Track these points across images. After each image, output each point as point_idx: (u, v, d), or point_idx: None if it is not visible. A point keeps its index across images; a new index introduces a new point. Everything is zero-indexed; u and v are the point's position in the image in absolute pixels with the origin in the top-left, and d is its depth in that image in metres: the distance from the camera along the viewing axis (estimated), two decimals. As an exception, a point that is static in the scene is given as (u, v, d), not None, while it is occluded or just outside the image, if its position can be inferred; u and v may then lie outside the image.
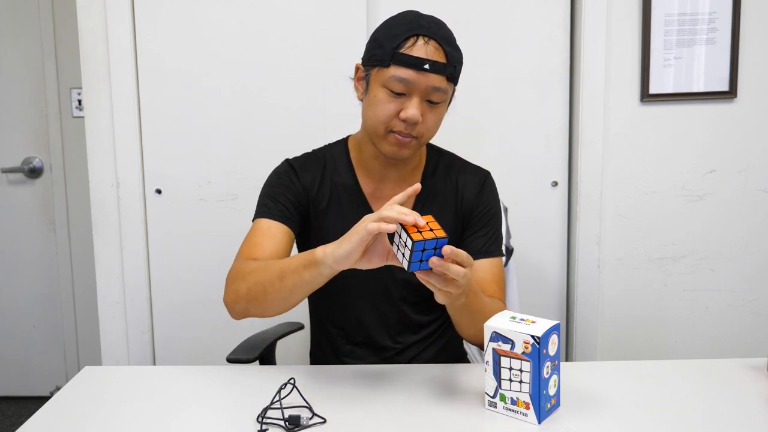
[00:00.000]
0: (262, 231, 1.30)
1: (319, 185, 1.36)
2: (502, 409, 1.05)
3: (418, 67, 1.19)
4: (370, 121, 1.27)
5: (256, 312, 1.22)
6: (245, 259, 1.26)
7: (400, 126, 1.22)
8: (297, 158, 1.41)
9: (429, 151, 1.42)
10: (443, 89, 1.22)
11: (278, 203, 1.32)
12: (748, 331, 2.11)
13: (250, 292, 1.19)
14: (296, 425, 1.02)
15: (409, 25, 1.21)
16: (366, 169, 1.36)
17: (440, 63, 1.20)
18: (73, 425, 1.06)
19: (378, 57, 1.22)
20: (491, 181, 1.42)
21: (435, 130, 1.28)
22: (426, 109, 1.23)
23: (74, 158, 2.65)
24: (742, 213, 2.07)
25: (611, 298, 2.10)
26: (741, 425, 1.03)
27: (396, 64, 1.19)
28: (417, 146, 1.27)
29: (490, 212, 1.38)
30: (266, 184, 1.38)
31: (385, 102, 1.22)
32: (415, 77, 1.19)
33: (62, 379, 2.76)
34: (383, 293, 1.36)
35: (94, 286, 2.09)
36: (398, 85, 1.20)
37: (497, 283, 1.34)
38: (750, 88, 2.01)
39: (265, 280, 1.16)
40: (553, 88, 2.03)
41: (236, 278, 1.24)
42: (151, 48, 1.99)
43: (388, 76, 1.20)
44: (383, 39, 1.23)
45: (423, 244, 0.97)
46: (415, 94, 1.21)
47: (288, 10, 1.98)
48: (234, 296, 1.23)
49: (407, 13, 1.25)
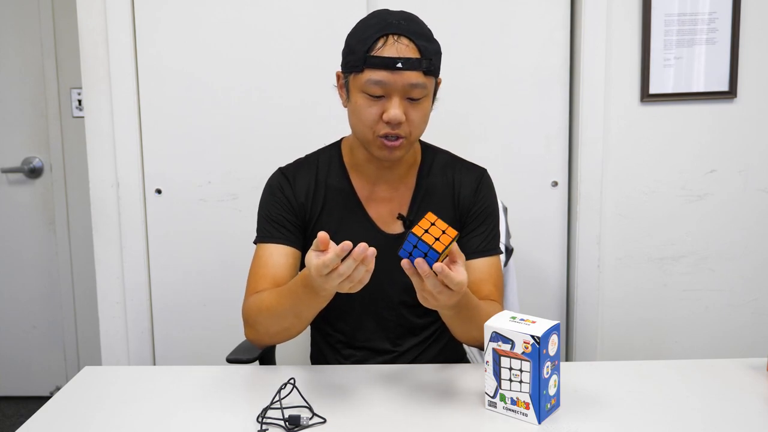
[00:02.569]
0: (264, 260, 1.31)
1: (313, 191, 1.35)
2: (502, 409, 1.05)
3: (391, 66, 1.17)
4: (356, 128, 1.27)
5: (283, 340, 1.30)
6: (253, 293, 1.29)
7: (386, 128, 1.22)
8: (289, 166, 1.40)
9: (424, 150, 1.41)
10: (421, 84, 1.20)
11: (277, 225, 1.32)
12: (748, 331, 2.11)
13: (269, 332, 1.25)
14: (296, 425, 1.02)
15: (378, 26, 1.20)
16: (360, 171, 1.36)
17: (413, 59, 1.18)
18: (73, 425, 1.06)
19: (352, 63, 1.21)
20: (488, 178, 1.42)
21: (423, 127, 1.27)
22: (408, 107, 1.22)
23: (74, 158, 2.65)
24: (742, 213, 2.07)
25: (611, 298, 2.10)
26: (741, 425, 1.03)
27: (369, 68, 1.19)
28: (408, 145, 1.26)
29: (487, 210, 1.38)
30: (262, 201, 1.38)
31: (365, 107, 1.21)
32: (390, 77, 1.18)
33: (62, 379, 2.76)
34: (382, 297, 1.36)
35: (94, 286, 2.09)
36: (375, 88, 1.19)
37: (494, 283, 1.33)
38: (750, 88, 2.01)
39: (280, 320, 1.21)
40: (553, 88, 2.03)
41: (249, 320, 1.28)
42: (151, 48, 1.99)
43: (364, 81, 1.19)
44: (354, 44, 1.22)
45: (416, 241, 0.98)
46: (393, 94, 1.20)
47: (288, 10, 1.98)
48: (254, 336, 1.29)
49: (376, 14, 1.25)
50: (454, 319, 1.19)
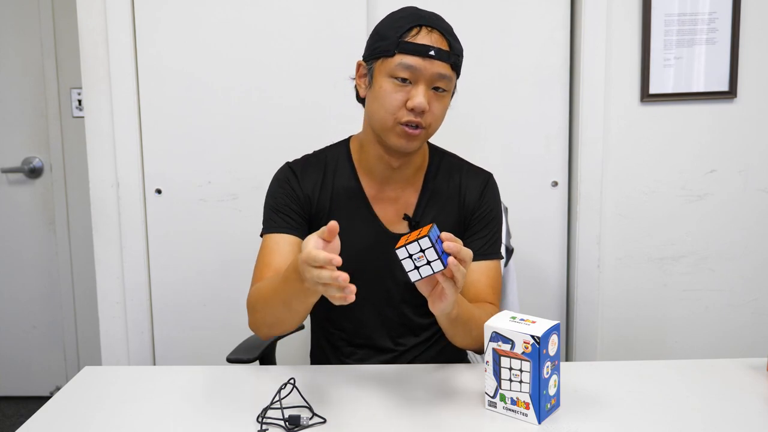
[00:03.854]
0: (270, 248, 1.31)
1: (320, 189, 1.35)
2: (502, 409, 1.05)
3: (424, 53, 1.20)
4: (377, 114, 1.26)
5: (279, 333, 1.29)
6: (257, 281, 1.29)
7: (408, 116, 1.23)
8: (297, 161, 1.40)
9: (431, 153, 1.42)
10: (448, 77, 1.24)
11: (283, 215, 1.33)
12: (748, 331, 2.11)
13: (266, 321, 1.24)
14: (296, 425, 1.02)
15: (412, 17, 1.24)
16: (368, 171, 1.36)
17: (444, 50, 1.22)
18: (73, 425, 1.06)
19: (382, 48, 1.23)
20: (493, 182, 1.43)
21: (441, 121, 1.29)
22: (432, 98, 1.24)
23: (74, 158, 2.65)
24: (742, 213, 2.07)
25: (611, 298, 2.10)
26: (741, 425, 1.03)
27: (401, 53, 1.21)
28: (424, 137, 1.28)
29: (491, 214, 1.38)
30: (269, 193, 1.38)
31: (391, 92, 1.23)
32: (421, 63, 1.21)
33: (62, 379, 2.76)
34: (385, 296, 1.36)
35: (94, 286, 2.09)
36: (405, 72, 1.21)
37: (492, 286, 1.34)
38: (750, 88, 2.01)
39: (275, 312, 1.20)
40: (553, 88, 2.03)
41: (251, 307, 1.27)
42: (151, 48, 1.99)
43: (394, 65, 1.21)
44: (386, 30, 1.24)
45: (429, 236, 0.98)
46: (421, 81, 1.22)
47: (288, 10, 1.98)
48: (254, 325, 1.28)
49: (408, 8, 1.28)
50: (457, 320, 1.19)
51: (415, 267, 1.00)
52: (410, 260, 1.00)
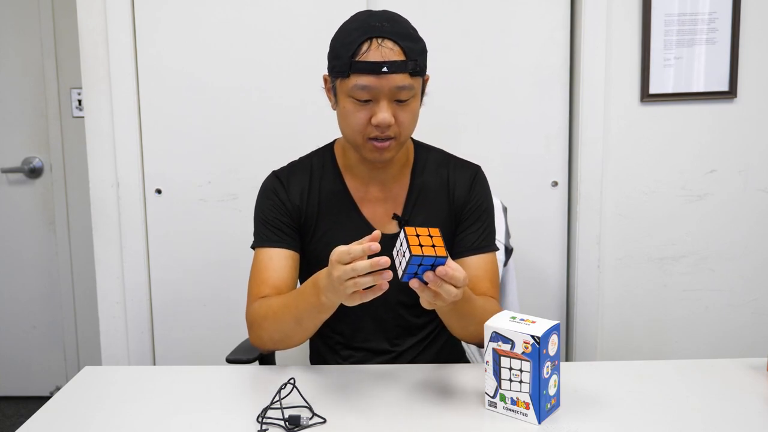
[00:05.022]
0: (264, 264, 1.31)
1: (308, 195, 1.35)
2: (502, 409, 1.05)
3: (377, 71, 1.17)
4: (345, 132, 1.27)
5: (284, 348, 1.31)
6: (256, 298, 1.29)
7: (375, 132, 1.22)
8: (283, 169, 1.40)
9: (417, 149, 1.40)
10: (408, 86, 1.20)
11: (274, 228, 1.33)
12: (748, 331, 2.11)
13: (272, 339, 1.26)
14: (296, 425, 1.02)
15: (361, 30, 1.19)
16: (353, 173, 1.36)
17: (399, 61, 1.17)
18: (73, 425, 1.06)
19: (338, 68, 1.21)
20: (482, 175, 1.41)
21: (413, 126, 1.27)
22: (396, 109, 1.21)
23: (74, 158, 2.65)
24: (742, 213, 2.07)
25: (611, 298, 2.10)
26: (741, 425, 1.03)
27: (355, 73, 1.18)
28: (398, 146, 1.26)
29: (482, 207, 1.37)
30: (257, 205, 1.38)
31: (354, 112, 1.21)
32: (377, 82, 1.18)
33: (62, 379, 2.76)
34: (380, 298, 1.34)
35: (94, 286, 2.09)
36: (362, 93, 1.19)
37: (490, 279, 1.33)
38: (750, 88, 2.01)
39: (284, 327, 1.22)
40: (553, 88, 2.03)
41: (253, 325, 1.28)
42: (151, 48, 1.99)
43: (351, 86, 1.19)
44: (339, 48, 1.22)
45: (420, 260, 0.97)
46: (381, 98, 1.19)
47: (288, 10, 1.98)
48: (258, 342, 1.29)
49: (357, 16, 1.25)
50: (452, 315, 1.19)
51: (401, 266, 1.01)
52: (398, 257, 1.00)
